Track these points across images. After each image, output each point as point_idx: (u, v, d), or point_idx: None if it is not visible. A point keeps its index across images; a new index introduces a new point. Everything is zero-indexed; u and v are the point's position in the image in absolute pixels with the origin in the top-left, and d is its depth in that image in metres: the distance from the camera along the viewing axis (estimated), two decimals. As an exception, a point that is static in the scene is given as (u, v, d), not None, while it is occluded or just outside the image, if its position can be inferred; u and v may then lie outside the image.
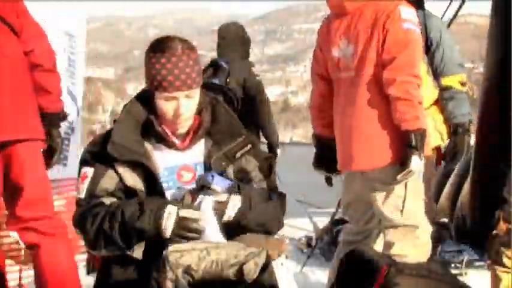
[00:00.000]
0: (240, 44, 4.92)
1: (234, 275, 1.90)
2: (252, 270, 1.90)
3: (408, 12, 3.01)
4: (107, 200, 2.12)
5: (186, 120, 2.15)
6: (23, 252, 4.52)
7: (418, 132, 2.92)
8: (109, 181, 2.13)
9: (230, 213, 2.09)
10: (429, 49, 3.55)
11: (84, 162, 2.18)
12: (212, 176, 2.07)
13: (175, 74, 2.06)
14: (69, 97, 5.27)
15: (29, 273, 4.71)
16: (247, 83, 4.77)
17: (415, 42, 3.01)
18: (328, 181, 3.49)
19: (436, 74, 3.58)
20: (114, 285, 2.14)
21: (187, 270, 1.88)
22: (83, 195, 2.14)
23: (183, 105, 2.11)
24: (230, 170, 2.22)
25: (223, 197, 2.08)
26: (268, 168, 2.29)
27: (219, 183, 2.07)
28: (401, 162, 2.96)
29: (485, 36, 4.56)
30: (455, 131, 3.59)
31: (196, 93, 2.14)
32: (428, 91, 3.48)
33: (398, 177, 2.96)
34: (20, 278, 4.54)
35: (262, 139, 5.04)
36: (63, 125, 5.19)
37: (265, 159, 2.30)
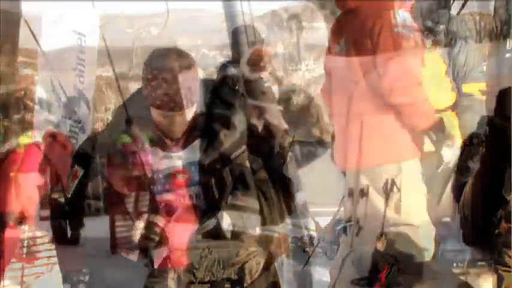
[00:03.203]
0: (253, 44, 4.93)
1: (235, 273, 1.90)
2: (253, 269, 1.90)
3: (401, 16, 2.97)
4: (93, 202, 2.14)
5: (180, 132, 2.14)
6: (25, 250, 4.53)
7: (434, 126, 2.98)
8: (96, 184, 2.13)
9: None
10: (452, 50, 3.47)
11: (76, 159, 2.19)
12: None
13: (169, 96, 2.04)
14: (77, 96, 5.25)
15: (30, 271, 4.72)
16: None
17: (408, 47, 2.95)
18: None
19: (457, 78, 3.48)
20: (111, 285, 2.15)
21: (189, 268, 1.88)
22: (69, 194, 2.15)
23: (176, 123, 2.10)
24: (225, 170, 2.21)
25: None
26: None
27: None
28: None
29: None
30: (471, 140, 3.35)
31: (191, 110, 2.12)
32: (446, 93, 3.45)
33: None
34: (22, 276, 4.55)
35: None
36: (70, 124, 5.19)
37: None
